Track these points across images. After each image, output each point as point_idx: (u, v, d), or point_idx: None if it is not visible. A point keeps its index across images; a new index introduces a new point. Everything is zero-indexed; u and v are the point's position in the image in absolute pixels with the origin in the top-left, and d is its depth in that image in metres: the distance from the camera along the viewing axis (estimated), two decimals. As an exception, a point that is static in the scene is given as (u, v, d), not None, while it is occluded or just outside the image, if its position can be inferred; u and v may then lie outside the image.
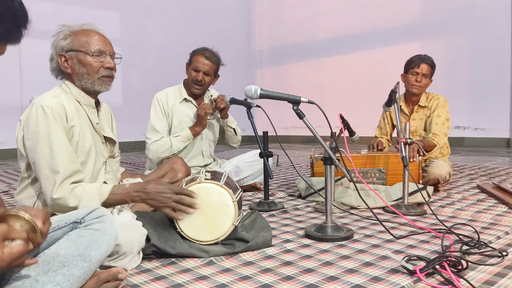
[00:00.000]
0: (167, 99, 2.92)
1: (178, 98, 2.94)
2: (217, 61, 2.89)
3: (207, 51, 2.87)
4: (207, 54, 2.85)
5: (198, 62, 2.83)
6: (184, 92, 2.95)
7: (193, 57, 2.89)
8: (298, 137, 8.36)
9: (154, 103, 2.91)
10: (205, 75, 2.85)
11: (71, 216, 1.23)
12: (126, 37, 7.04)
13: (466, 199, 2.75)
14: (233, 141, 3.13)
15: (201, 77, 2.84)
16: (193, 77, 2.85)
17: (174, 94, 2.95)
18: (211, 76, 2.88)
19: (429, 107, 3.10)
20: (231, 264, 1.64)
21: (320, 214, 2.46)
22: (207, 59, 2.83)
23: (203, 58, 2.83)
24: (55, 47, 1.73)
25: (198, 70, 2.84)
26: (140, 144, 7.15)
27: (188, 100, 2.95)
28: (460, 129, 6.78)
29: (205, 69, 2.83)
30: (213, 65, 2.86)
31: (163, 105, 2.89)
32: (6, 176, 4.23)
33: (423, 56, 3.04)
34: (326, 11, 8.11)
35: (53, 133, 1.59)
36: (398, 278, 1.46)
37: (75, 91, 1.74)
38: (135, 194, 1.63)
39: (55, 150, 1.58)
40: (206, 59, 2.83)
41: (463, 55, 6.73)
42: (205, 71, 2.84)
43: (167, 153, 2.78)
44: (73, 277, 1.12)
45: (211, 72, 2.86)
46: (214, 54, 2.89)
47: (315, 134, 1.92)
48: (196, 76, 2.84)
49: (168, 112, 2.90)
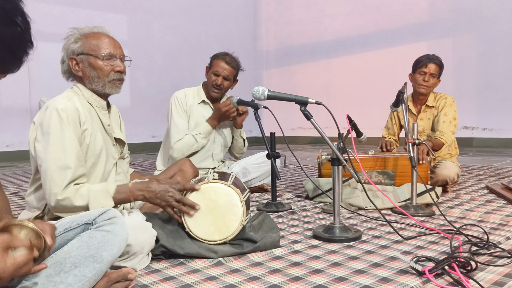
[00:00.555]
0: (185, 99, 2.94)
1: (197, 99, 2.97)
2: (237, 66, 2.92)
3: (228, 56, 2.89)
4: (228, 59, 2.87)
5: (219, 67, 2.85)
6: (202, 94, 2.98)
7: (213, 61, 2.91)
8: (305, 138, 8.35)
9: (174, 101, 2.93)
10: (224, 79, 2.87)
11: (83, 217, 1.25)
12: (133, 39, 7.08)
13: (475, 200, 2.73)
14: (238, 151, 3.15)
15: (220, 82, 2.86)
16: (212, 81, 2.88)
17: (192, 95, 2.98)
18: (230, 81, 2.91)
19: (436, 107, 3.09)
20: (240, 264, 1.65)
21: (328, 215, 2.46)
22: (227, 64, 2.86)
23: (224, 63, 2.86)
24: (66, 50, 1.75)
25: (218, 75, 2.86)
26: (148, 146, 7.18)
27: (206, 103, 2.97)
28: (469, 129, 6.74)
29: (225, 74, 2.86)
30: (233, 70, 2.88)
31: (182, 103, 2.92)
32: (15, 178, 4.27)
33: (431, 55, 3.03)
34: (333, 12, 8.10)
35: (66, 136, 1.61)
36: (407, 279, 1.46)
37: (87, 94, 1.76)
38: (139, 193, 1.65)
39: (67, 152, 1.60)
40: (226, 64, 2.86)
41: (471, 55, 6.69)
42: (225, 76, 2.86)
43: (192, 150, 2.83)
44: (84, 278, 1.13)
45: (230, 77, 2.89)
46: (235, 59, 2.92)
47: (322, 135, 1.92)
48: (216, 80, 2.86)
49: (186, 111, 2.93)
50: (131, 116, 6.60)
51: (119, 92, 1.81)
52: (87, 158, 1.71)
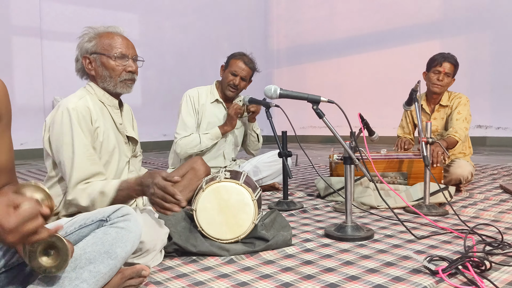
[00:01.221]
0: (198, 97, 2.95)
1: (210, 98, 2.97)
2: (254, 67, 2.93)
3: (245, 57, 2.90)
4: (246, 60, 2.88)
5: (237, 67, 2.86)
6: (216, 93, 2.98)
7: (231, 61, 2.91)
8: (316, 137, 8.33)
9: (185, 99, 2.94)
10: (241, 80, 2.88)
11: (97, 214, 1.26)
12: (145, 38, 7.12)
13: (489, 199, 2.70)
14: (254, 147, 3.14)
15: (238, 82, 2.87)
16: (229, 81, 2.88)
17: (205, 93, 2.98)
18: (246, 82, 2.92)
19: (450, 106, 3.05)
20: (252, 262, 1.65)
21: (340, 214, 2.45)
22: (245, 64, 2.87)
23: (242, 63, 2.86)
24: (80, 48, 1.77)
25: (236, 74, 2.86)
26: (159, 144, 7.23)
27: (219, 102, 2.98)
28: (482, 128, 6.66)
29: (243, 74, 2.86)
30: (250, 71, 2.90)
31: (194, 102, 2.93)
32: (30, 176, 4.32)
33: (446, 54, 2.99)
34: (344, 10, 8.05)
35: (76, 135, 1.63)
36: (420, 278, 1.45)
37: (99, 93, 1.78)
38: (137, 188, 1.58)
39: (75, 153, 1.62)
40: (244, 65, 2.86)
41: (484, 53, 6.61)
42: (243, 76, 2.87)
43: (195, 150, 2.82)
44: (99, 274, 1.14)
45: (247, 77, 2.90)
46: (252, 60, 2.92)
47: (335, 133, 1.92)
48: (234, 80, 2.87)
49: (198, 110, 2.93)
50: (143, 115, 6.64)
51: (131, 92, 1.82)
52: (100, 155, 1.73)
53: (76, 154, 1.62)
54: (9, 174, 1.21)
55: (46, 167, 1.77)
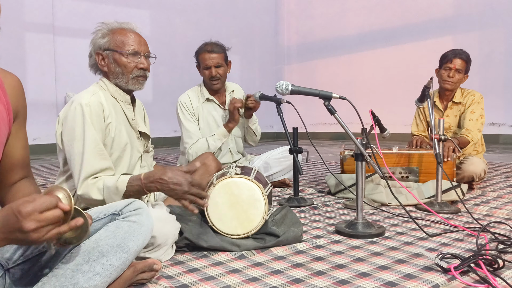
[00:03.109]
0: (190, 101, 2.96)
1: (201, 99, 2.98)
2: (222, 49, 2.90)
3: (208, 45, 2.89)
4: (209, 48, 2.87)
5: (205, 60, 2.86)
6: (205, 92, 2.99)
7: (198, 57, 2.92)
8: (327, 134, 8.30)
9: (180, 107, 2.96)
10: (217, 68, 2.86)
11: (110, 208, 1.27)
12: (156, 35, 7.14)
13: (502, 198, 2.67)
14: (251, 139, 3.15)
15: (214, 72, 2.86)
16: (207, 76, 2.88)
17: (196, 95, 2.99)
18: (223, 66, 2.90)
19: (463, 104, 3.02)
20: (262, 258, 1.65)
21: (350, 210, 2.44)
22: (211, 52, 2.85)
23: (207, 53, 2.86)
24: (93, 44, 1.78)
25: (209, 67, 2.86)
26: (170, 140, 7.26)
27: (210, 100, 2.98)
28: (495, 125, 6.57)
29: (214, 63, 2.85)
30: (219, 55, 2.87)
31: (188, 108, 2.95)
32: (43, 170, 4.37)
33: (457, 50, 2.96)
34: (356, 6, 7.99)
35: (87, 131, 1.65)
36: (432, 275, 1.44)
37: (112, 88, 1.79)
38: (151, 185, 1.60)
39: (85, 147, 1.64)
40: (210, 53, 2.85)
41: (498, 50, 6.51)
42: (215, 65, 2.86)
43: None
44: (111, 267, 1.16)
45: (221, 62, 2.88)
46: (216, 44, 2.90)
47: (346, 129, 1.91)
48: (210, 73, 2.86)
49: (194, 113, 2.95)
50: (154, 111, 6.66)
51: (142, 89, 1.83)
52: (112, 151, 1.74)
53: (86, 149, 1.64)
54: (25, 169, 1.24)
55: (59, 161, 1.79)
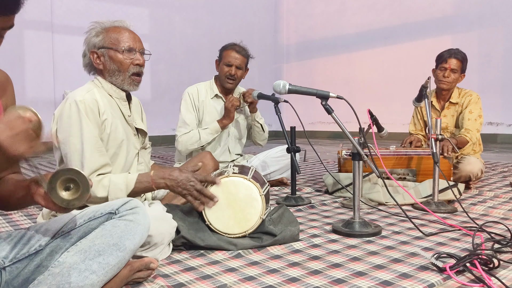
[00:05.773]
0: (198, 94, 2.97)
1: (209, 94, 2.98)
2: (247, 54, 2.95)
3: (237, 46, 2.92)
4: (238, 48, 2.90)
5: (230, 57, 2.88)
6: (215, 88, 2.99)
7: (223, 53, 2.93)
8: (325, 133, 8.30)
9: (185, 97, 2.97)
10: (237, 69, 2.89)
11: (106, 207, 1.28)
12: (155, 33, 7.14)
13: (499, 197, 2.68)
14: (260, 138, 3.14)
15: (234, 71, 2.88)
16: (225, 72, 2.89)
17: (205, 90, 3.00)
18: (242, 70, 2.93)
19: (460, 104, 3.02)
20: (259, 257, 1.66)
21: (347, 210, 2.45)
22: (238, 53, 2.88)
23: (234, 52, 2.88)
24: (87, 43, 1.79)
25: (230, 65, 2.88)
26: (169, 138, 7.25)
27: (219, 97, 2.99)
28: (493, 125, 6.58)
29: (237, 63, 2.88)
30: (244, 58, 2.91)
31: (193, 99, 2.95)
32: (40, 168, 4.37)
33: (453, 50, 2.96)
34: (355, 4, 7.99)
35: (84, 127, 1.65)
36: (427, 275, 1.45)
37: (106, 86, 1.80)
38: (160, 181, 1.68)
39: (84, 144, 1.64)
40: (237, 53, 2.88)
41: (496, 49, 6.52)
42: (237, 65, 2.88)
43: (195, 145, 2.83)
44: (108, 266, 1.16)
45: (242, 65, 2.92)
46: (244, 48, 2.94)
47: (343, 129, 1.91)
48: (229, 70, 2.88)
49: (198, 107, 2.95)
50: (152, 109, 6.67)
51: (137, 90, 1.84)
52: (108, 147, 1.75)
53: (85, 146, 1.65)
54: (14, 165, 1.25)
55: (55, 159, 1.80)
